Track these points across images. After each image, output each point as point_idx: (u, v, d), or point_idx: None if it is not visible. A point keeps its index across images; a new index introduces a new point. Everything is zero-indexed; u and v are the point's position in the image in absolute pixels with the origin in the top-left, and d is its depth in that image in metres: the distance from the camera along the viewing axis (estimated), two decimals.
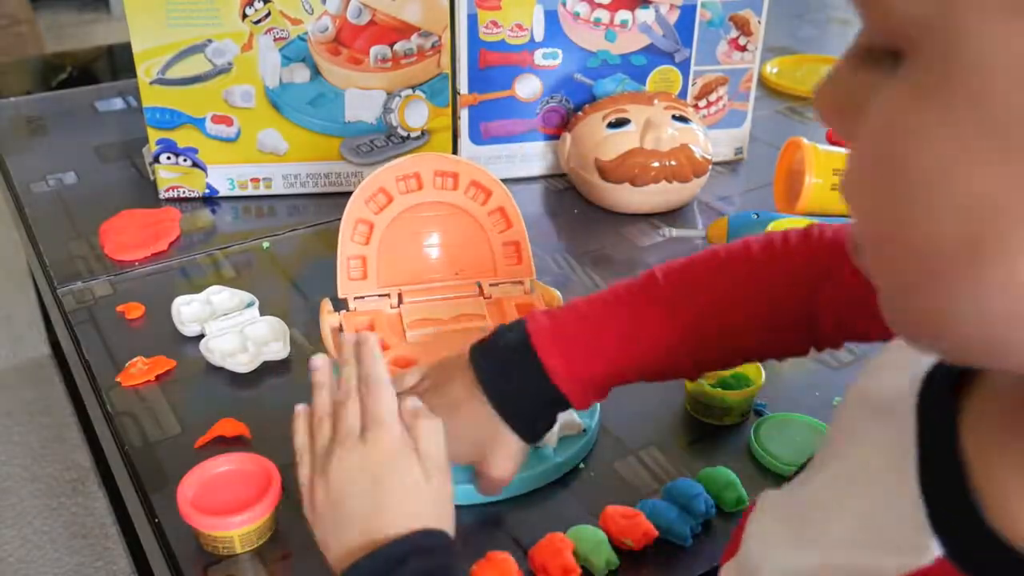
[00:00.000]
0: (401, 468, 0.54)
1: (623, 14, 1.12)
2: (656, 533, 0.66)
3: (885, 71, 0.28)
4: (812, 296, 0.62)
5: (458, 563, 0.54)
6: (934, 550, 0.33)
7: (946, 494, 0.33)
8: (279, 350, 0.84)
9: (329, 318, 0.77)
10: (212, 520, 0.65)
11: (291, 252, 1.04)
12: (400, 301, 0.81)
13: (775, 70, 1.51)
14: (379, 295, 0.81)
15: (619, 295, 0.65)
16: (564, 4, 1.10)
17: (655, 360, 0.64)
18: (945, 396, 0.35)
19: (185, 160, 1.10)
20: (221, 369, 0.83)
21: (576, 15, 1.11)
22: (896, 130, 0.28)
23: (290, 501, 0.69)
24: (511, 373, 0.63)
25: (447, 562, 0.53)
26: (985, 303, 0.27)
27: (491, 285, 0.82)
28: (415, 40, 1.08)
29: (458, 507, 0.67)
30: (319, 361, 0.59)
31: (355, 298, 0.81)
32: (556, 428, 0.72)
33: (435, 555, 0.53)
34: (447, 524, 0.55)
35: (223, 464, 0.69)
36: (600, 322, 0.63)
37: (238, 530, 0.65)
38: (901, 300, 0.31)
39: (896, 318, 0.31)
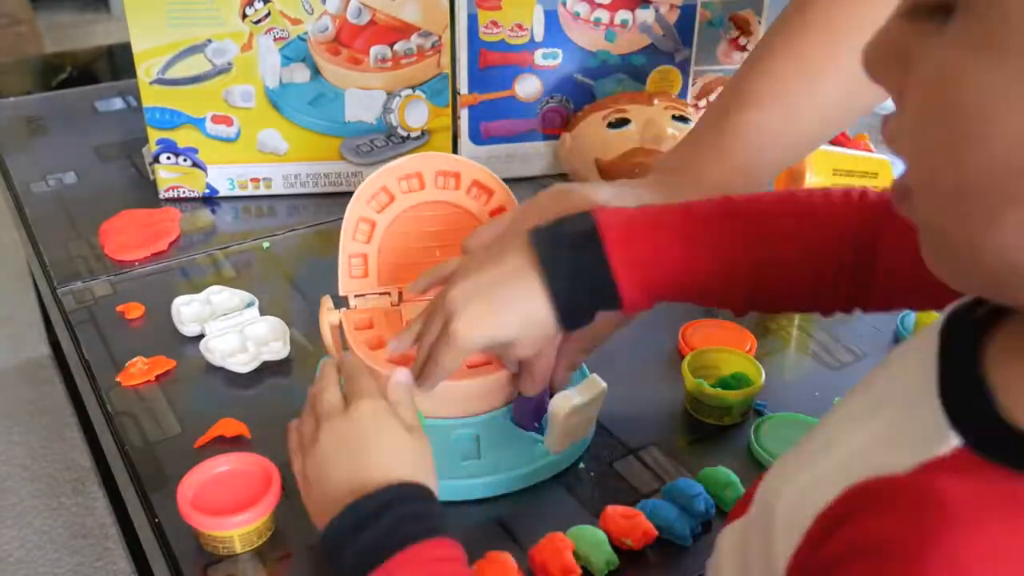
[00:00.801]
0: (383, 427, 0.58)
1: (623, 14, 1.12)
2: (656, 533, 0.66)
3: (935, 25, 0.32)
4: (864, 248, 0.62)
5: (440, 510, 0.56)
6: (952, 440, 0.35)
7: (964, 395, 0.36)
8: (279, 350, 0.84)
9: (329, 315, 0.77)
10: (212, 520, 0.65)
11: (291, 252, 1.04)
12: (401, 299, 0.81)
13: None
14: (380, 293, 0.81)
15: (693, 212, 0.64)
16: (564, 4, 1.10)
17: (712, 285, 0.64)
18: (968, 323, 0.38)
19: (185, 160, 1.10)
20: (221, 369, 0.83)
21: (576, 15, 1.11)
22: (949, 75, 0.31)
23: (290, 501, 0.69)
24: (571, 256, 0.63)
25: (428, 509, 0.55)
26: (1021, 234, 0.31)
27: None
28: (415, 40, 1.08)
29: (458, 506, 0.67)
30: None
31: (356, 296, 0.81)
32: (561, 416, 0.71)
33: (415, 503, 0.55)
34: (429, 479, 0.58)
35: (223, 464, 0.69)
36: (670, 233, 0.63)
37: (238, 530, 0.65)
38: (945, 238, 0.34)
39: (939, 256, 0.35)
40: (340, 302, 0.80)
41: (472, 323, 0.63)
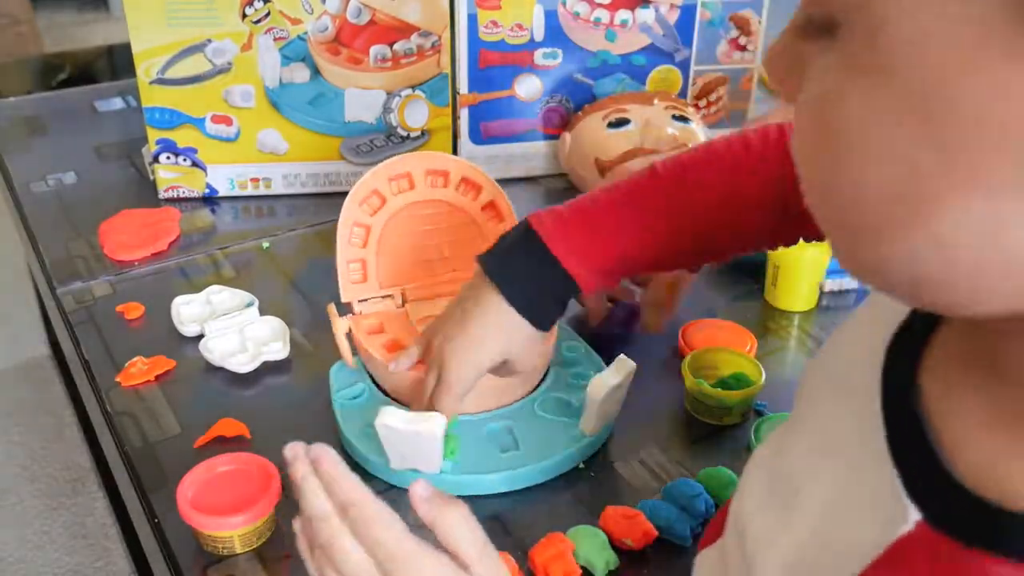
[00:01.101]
0: None
1: (623, 14, 1.12)
2: (656, 533, 0.66)
3: (822, 42, 0.31)
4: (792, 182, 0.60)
5: None
6: (913, 515, 0.34)
7: (913, 451, 0.35)
8: (279, 350, 0.84)
9: (340, 322, 0.77)
10: (212, 520, 0.65)
11: (291, 252, 1.04)
12: (404, 300, 0.81)
13: None
14: (382, 296, 0.81)
15: (619, 188, 0.69)
16: (564, 4, 1.10)
17: (658, 254, 0.68)
18: (907, 357, 0.37)
19: (185, 160, 1.10)
20: (221, 369, 0.83)
21: (576, 15, 1.11)
22: (829, 95, 0.30)
23: (289, 501, 0.69)
24: (519, 262, 0.67)
25: None
26: (916, 254, 0.29)
27: None
28: (415, 40, 1.08)
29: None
30: (293, 451, 0.49)
31: (359, 301, 0.81)
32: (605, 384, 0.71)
33: None
34: None
35: (223, 464, 0.69)
36: (600, 213, 0.68)
37: (238, 530, 0.65)
38: (844, 247, 0.32)
39: (843, 261, 0.33)
40: (342, 308, 0.80)
41: (460, 363, 0.67)
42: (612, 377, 0.71)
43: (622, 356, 0.72)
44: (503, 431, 0.74)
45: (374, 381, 0.78)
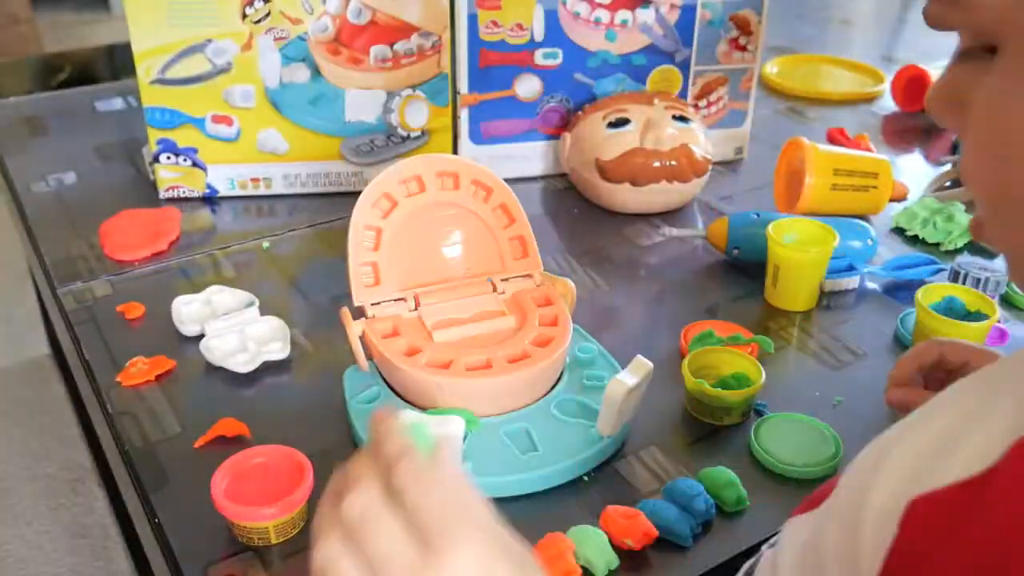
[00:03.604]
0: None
1: (623, 14, 1.12)
2: (656, 533, 0.66)
3: (984, 67, 0.35)
4: None
5: None
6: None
7: None
8: (279, 350, 0.84)
9: (354, 326, 0.77)
10: (247, 510, 0.65)
11: (291, 252, 1.04)
12: (417, 304, 0.81)
13: (775, 70, 1.51)
14: (395, 300, 0.81)
15: None
16: (564, 4, 1.10)
17: None
18: None
19: (185, 160, 1.10)
20: (221, 369, 0.83)
21: (576, 15, 1.11)
22: (998, 109, 0.35)
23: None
24: None
25: None
26: None
27: (502, 280, 0.82)
28: (415, 40, 1.08)
29: None
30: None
31: (371, 304, 0.81)
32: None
33: None
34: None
35: (257, 456, 0.70)
36: None
37: (272, 521, 0.66)
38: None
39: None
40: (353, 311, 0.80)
41: None
42: (630, 378, 0.71)
43: (639, 356, 0.72)
44: (521, 433, 0.74)
45: (387, 384, 0.78)
